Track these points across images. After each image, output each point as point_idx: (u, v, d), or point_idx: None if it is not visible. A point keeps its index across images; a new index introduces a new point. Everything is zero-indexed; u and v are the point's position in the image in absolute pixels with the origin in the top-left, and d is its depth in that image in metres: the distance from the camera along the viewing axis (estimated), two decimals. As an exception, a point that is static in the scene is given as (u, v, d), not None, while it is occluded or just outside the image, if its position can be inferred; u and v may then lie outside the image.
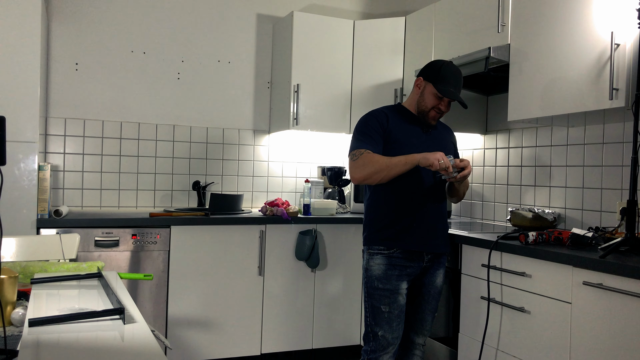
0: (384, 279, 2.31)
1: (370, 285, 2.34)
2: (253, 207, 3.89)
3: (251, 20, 3.89)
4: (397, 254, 2.32)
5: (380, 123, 2.35)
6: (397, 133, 2.35)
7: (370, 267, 2.35)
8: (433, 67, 2.38)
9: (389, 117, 2.38)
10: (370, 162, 2.26)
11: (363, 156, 2.29)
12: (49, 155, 3.40)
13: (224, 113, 3.83)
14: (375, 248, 2.35)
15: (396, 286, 2.31)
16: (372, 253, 2.36)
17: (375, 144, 2.32)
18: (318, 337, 3.40)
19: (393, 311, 2.31)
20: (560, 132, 2.92)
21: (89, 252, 2.92)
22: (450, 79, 2.33)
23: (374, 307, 2.33)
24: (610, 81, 2.18)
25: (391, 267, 2.31)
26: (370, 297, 2.34)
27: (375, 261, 2.33)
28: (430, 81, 2.35)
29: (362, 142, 2.33)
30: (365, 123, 2.39)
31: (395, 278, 2.31)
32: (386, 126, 2.35)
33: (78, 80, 3.47)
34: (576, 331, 2.05)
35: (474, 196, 3.52)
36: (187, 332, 3.11)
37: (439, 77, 2.33)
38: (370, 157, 2.27)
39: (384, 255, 2.32)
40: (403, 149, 2.32)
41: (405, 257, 2.32)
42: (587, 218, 2.75)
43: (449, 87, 2.32)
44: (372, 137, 2.33)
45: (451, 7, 3.18)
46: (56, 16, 3.41)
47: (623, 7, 2.20)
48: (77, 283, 1.76)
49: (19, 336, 1.37)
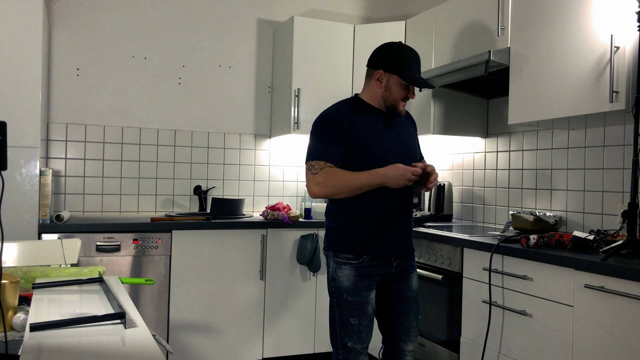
0: (353, 291, 2.17)
1: (339, 297, 2.19)
2: (254, 211, 3.89)
3: (252, 25, 3.90)
4: (367, 262, 2.17)
5: (342, 126, 2.14)
6: (360, 133, 2.16)
7: (339, 278, 2.18)
8: (390, 55, 2.18)
9: (351, 117, 2.17)
10: (331, 182, 2.10)
11: (323, 171, 2.11)
12: (50, 161, 3.41)
13: (225, 118, 3.83)
14: (342, 257, 2.18)
15: (365, 297, 2.18)
16: (339, 262, 2.19)
17: (335, 151, 2.13)
18: (320, 341, 3.39)
19: (362, 322, 2.19)
20: (561, 135, 2.93)
21: (91, 257, 2.92)
22: (412, 64, 2.17)
23: (343, 319, 2.19)
24: (611, 84, 2.18)
25: (360, 278, 2.16)
26: (340, 309, 2.20)
27: (344, 272, 2.18)
28: (393, 72, 2.16)
29: (322, 151, 2.14)
30: (325, 126, 2.18)
31: (364, 289, 2.17)
32: (349, 129, 2.14)
33: (79, 85, 3.48)
34: (578, 334, 2.05)
35: (475, 199, 3.52)
36: (189, 336, 3.10)
37: (402, 66, 2.16)
38: (332, 175, 2.10)
39: (353, 266, 2.16)
40: (368, 149, 2.16)
41: (374, 265, 2.19)
42: (589, 221, 2.75)
43: (414, 74, 2.17)
44: (332, 144, 2.14)
45: (451, 11, 3.19)
46: (57, 22, 3.42)
47: (623, 10, 2.20)
48: (79, 288, 1.76)
49: (20, 341, 1.37)
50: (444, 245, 2.78)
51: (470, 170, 3.57)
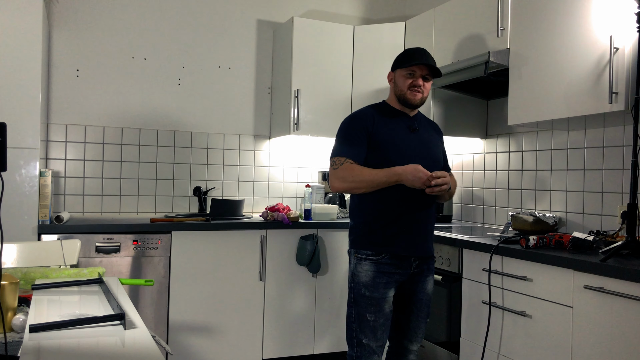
0: (371, 286, 2.24)
1: (357, 292, 2.27)
2: (254, 212, 3.89)
3: (251, 26, 3.91)
4: (386, 259, 2.25)
5: (365, 126, 2.29)
6: (383, 134, 2.29)
7: (358, 273, 2.28)
8: (396, 58, 2.40)
9: (374, 118, 2.32)
10: (350, 175, 2.23)
11: (344, 167, 2.24)
12: (50, 162, 3.41)
13: (224, 118, 3.83)
14: (363, 253, 2.28)
15: (383, 294, 2.25)
16: (359, 258, 2.29)
17: (358, 149, 2.27)
18: (319, 342, 3.39)
19: (378, 320, 2.25)
20: (560, 136, 2.93)
21: (90, 257, 2.92)
22: (412, 55, 2.32)
23: (360, 315, 2.26)
24: (610, 85, 2.19)
25: (379, 274, 2.25)
26: (357, 304, 2.27)
27: (363, 267, 2.27)
28: (396, 68, 2.36)
29: (344, 149, 2.28)
30: (349, 126, 2.34)
31: (382, 286, 2.25)
32: (371, 129, 2.29)
33: (79, 86, 3.48)
34: (577, 335, 2.05)
35: (474, 200, 3.52)
36: (188, 337, 3.10)
37: (402, 59, 2.34)
38: (351, 170, 2.23)
39: (372, 262, 2.26)
40: (390, 150, 2.27)
41: (393, 263, 2.25)
42: (588, 222, 2.75)
43: (413, 60, 2.30)
44: (354, 142, 2.28)
45: (450, 12, 3.19)
46: (57, 23, 3.42)
47: (622, 11, 2.20)
48: (78, 289, 1.76)
49: (20, 342, 1.37)
50: (443, 246, 2.78)
51: (469, 171, 3.57)
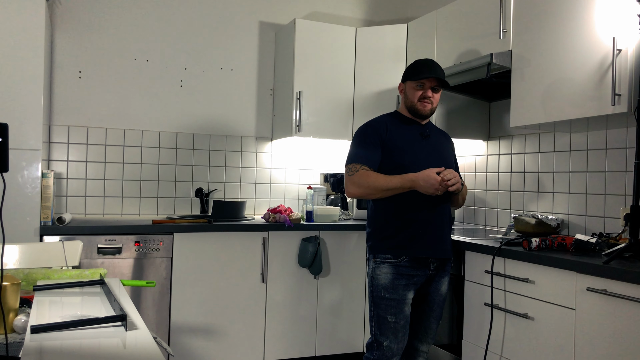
0: (390, 288, 2.30)
1: (377, 295, 2.33)
2: (256, 214, 3.89)
3: (254, 28, 3.91)
4: (405, 262, 2.31)
5: (379, 134, 2.38)
6: (396, 140, 2.38)
7: (377, 276, 2.33)
8: (405, 70, 2.47)
9: (387, 125, 2.40)
10: (365, 182, 2.30)
11: (359, 173, 2.31)
12: (52, 163, 3.41)
13: (226, 120, 3.84)
14: (381, 257, 2.34)
15: (403, 296, 2.30)
16: (378, 262, 2.34)
17: (372, 156, 2.34)
18: (321, 344, 3.38)
19: (399, 321, 2.30)
20: (562, 138, 2.92)
21: (92, 259, 2.92)
22: (421, 68, 2.38)
23: (380, 317, 2.31)
24: (613, 87, 2.18)
25: (398, 276, 2.30)
26: (377, 307, 2.33)
27: (382, 270, 2.32)
28: (407, 79, 2.43)
29: (358, 156, 2.35)
30: (363, 134, 2.41)
31: (402, 288, 2.30)
32: (385, 136, 2.37)
33: (81, 88, 3.48)
34: (580, 337, 2.04)
35: (477, 202, 3.52)
36: (190, 339, 3.10)
37: (412, 72, 2.40)
38: (367, 176, 2.30)
39: (391, 264, 2.31)
40: (403, 155, 2.35)
41: (412, 266, 2.31)
42: (591, 224, 2.74)
43: (422, 74, 2.36)
44: (369, 149, 2.35)
45: (453, 13, 3.19)
46: (60, 25, 3.43)
47: (624, 13, 2.20)
48: (80, 290, 1.76)
49: (21, 343, 1.36)
50: (445, 248, 2.77)
51: (472, 173, 3.57)
